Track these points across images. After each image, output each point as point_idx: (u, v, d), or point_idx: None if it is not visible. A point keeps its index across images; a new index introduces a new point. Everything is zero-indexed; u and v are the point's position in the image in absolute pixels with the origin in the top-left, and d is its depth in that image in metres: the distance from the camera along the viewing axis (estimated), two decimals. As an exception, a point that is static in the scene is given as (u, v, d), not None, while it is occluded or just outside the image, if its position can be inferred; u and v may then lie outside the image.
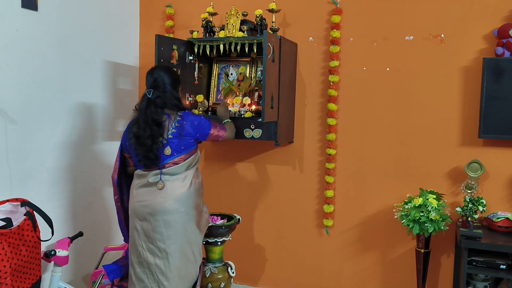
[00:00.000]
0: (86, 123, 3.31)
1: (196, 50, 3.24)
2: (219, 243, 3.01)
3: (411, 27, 3.06)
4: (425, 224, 2.69)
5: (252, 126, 3.05)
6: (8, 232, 2.21)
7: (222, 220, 3.10)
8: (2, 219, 2.27)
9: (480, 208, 2.75)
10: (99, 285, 2.90)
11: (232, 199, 3.60)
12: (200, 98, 3.29)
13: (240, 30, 3.10)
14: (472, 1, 2.92)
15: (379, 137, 3.18)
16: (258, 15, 3.06)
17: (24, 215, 2.36)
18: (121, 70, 3.62)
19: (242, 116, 3.12)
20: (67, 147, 3.14)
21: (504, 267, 2.59)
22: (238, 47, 3.09)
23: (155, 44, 3.04)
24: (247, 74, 3.37)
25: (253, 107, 3.20)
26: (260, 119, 2.88)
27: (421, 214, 2.70)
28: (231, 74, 3.44)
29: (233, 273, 3.06)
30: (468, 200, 2.78)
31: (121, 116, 3.57)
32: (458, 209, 2.80)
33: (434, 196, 2.78)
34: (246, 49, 3.07)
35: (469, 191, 2.84)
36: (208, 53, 3.23)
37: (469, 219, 2.74)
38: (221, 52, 3.16)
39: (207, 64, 3.50)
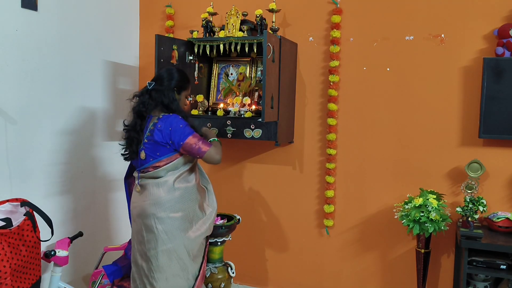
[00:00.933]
0: (86, 123, 3.31)
1: (196, 50, 3.24)
2: (219, 243, 3.00)
3: (411, 27, 3.06)
4: (425, 224, 2.69)
5: (252, 126, 3.05)
6: (8, 232, 2.20)
7: (222, 220, 3.10)
8: (2, 219, 2.27)
9: (480, 208, 2.75)
10: (99, 285, 2.90)
11: (232, 199, 3.60)
12: (200, 98, 3.30)
13: (240, 30, 3.10)
14: (472, 1, 2.91)
15: (379, 137, 3.18)
16: (258, 15, 3.06)
17: (24, 215, 2.35)
18: (121, 70, 3.62)
19: (242, 116, 3.12)
20: (66, 147, 3.14)
21: (504, 267, 2.59)
22: (238, 47, 3.09)
23: (155, 44, 3.04)
24: (247, 74, 3.37)
25: (253, 107, 3.20)
26: (260, 119, 2.88)
27: (421, 214, 2.70)
28: (231, 74, 3.44)
29: (233, 273, 3.06)
30: (468, 200, 2.77)
31: (121, 116, 3.55)
32: (458, 209, 2.80)
33: (434, 196, 2.78)
34: (246, 49, 3.07)
35: (469, 191, 2.84)
36: (208, 53, 3.24)
37: (469, 219, 2.74)
38: (221, 52, 3.16)
39: (207, 64, 3.50)
